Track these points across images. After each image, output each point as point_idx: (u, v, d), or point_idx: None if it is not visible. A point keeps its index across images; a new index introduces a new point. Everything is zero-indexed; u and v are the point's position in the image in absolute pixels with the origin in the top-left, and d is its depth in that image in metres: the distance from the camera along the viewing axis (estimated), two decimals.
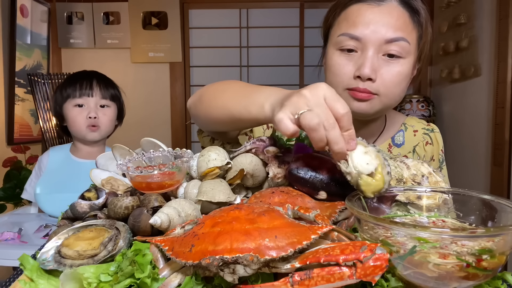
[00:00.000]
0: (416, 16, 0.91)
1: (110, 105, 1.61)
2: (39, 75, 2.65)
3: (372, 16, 0.88)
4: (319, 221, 0.51)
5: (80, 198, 0.69)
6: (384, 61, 0.88)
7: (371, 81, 0.87)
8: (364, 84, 0.87)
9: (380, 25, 0.87)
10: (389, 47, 0.87)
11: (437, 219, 0.54)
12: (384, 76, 0.87)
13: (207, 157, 0.68)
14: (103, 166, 0.85)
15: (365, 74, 0.85)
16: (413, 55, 0.91)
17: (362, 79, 0.87)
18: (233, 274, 0.42)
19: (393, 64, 0.88)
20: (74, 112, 1.56)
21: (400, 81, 0.89)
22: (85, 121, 1.55)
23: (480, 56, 2.42)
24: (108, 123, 1.61)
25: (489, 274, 0.42)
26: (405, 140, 1.05)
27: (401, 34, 0.87)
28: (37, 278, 0.51)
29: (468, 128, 2.60)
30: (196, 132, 3.74)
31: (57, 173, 1.60)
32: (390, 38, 0.87)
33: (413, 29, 0.91)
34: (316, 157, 0.65)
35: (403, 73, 0.89)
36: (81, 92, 1.54)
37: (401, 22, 0.88)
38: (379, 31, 0.87)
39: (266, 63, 3.28)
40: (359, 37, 0.88)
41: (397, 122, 1.08)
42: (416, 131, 1.06)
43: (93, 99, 1.56)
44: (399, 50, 0.87)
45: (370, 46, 0.87)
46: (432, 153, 1.05)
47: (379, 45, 0.87)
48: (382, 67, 0.87)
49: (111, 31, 3.25)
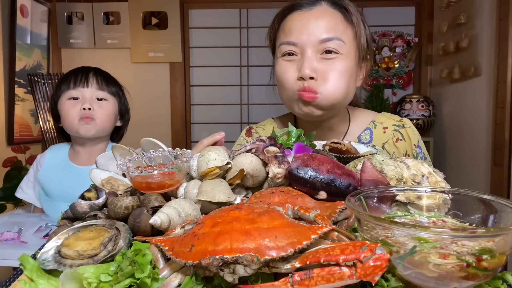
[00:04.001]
0: (348, 15, 0.96)
1: (108, 99, 1.46)
2: (39, 75, 2.65)
3: (305, 21, 0.95)
4: (319, 221, 0.51)
5: (80, 198, 0.69)
6: (323, 59, 0.93)
7: (313, 79, 0.92)
8: (308, 83, 0.92)
9: (313, 27, 0.93)
10: (324, 46, 0.93)
11: (437, 219, 0.54)
12: (324, 74, 0.93)
13: (207, 157, 0.68)
14: (103, 166, 0.85)
15: (306, 74, 0.91)
16: (352, 53, 0.96)
17: (305, 79, 0.92)
18: (233, 274, 0.42)
19: (331, 61, 0.93)
20: (67, 105, 1.42)
21: (340, 78, 0.93)
22: (78, 113, 1.40)
23: (480, 56, 2.42)
24: (105, 117, 1.44)
25: (489, 274, 0.42)
26: (373, 138, 1.07)
27: (334, 34, 0.93)
28: (37, 278, 0.51)
29: (468, 128, 2.60)
30: (196, 132, 3.75)
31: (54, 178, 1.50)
32: (324, 38, 0.93)
33: (347, 28, 0.96)
34: (316, 157, 0.65)
35: (342, 70, 0.93)
36: (75, 84, 1.41)
37: (332, 23, 0.94)
38: (312, 33, 0.93)
39: (266, 63, 3.26)
40: (295, 42, 0.95)
41: (364, 120, 1.10)
42: (386, 128, 1.07)
43: (89, 90, 1.42)
44: (335, 47, 0.92)
45: (306, 48, 0.93)
46: (405, 149, 1.05)
47: (315, 46, 0.93)
48: (321, 66, 0.93)
49: (111, 31, 3.25)
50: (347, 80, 0.95)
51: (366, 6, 3.20)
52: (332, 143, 0.81)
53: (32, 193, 1.59)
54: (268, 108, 3.27)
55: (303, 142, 0.78)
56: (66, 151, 1.56)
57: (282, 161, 0.66)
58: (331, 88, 0.93)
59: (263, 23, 3.29)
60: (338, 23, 0.94)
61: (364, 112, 1.14)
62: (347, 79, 0.95)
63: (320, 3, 0.97)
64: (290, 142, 0.80)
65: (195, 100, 3.40)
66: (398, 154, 1.04)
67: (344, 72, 0.93)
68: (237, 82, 3.39)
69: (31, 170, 1.60)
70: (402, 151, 1.04)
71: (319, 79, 0.92)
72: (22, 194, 1.59)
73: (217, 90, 3.39)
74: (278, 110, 1.46)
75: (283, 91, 0.99)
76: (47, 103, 2.65)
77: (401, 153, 1.04)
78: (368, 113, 1.14)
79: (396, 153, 1.04)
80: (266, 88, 1.15)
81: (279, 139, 0.81)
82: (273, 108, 1.87)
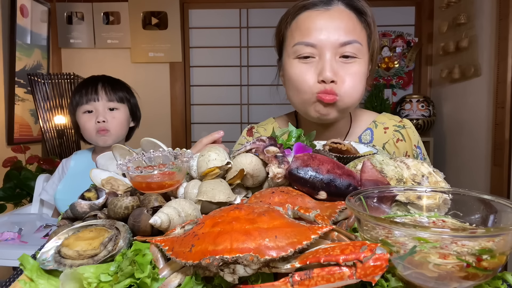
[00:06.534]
0: (363, 17, 0.95)
1: (119, 107, 1.58)
2: (39, 75, 2.65)
3: (323, 22, 0.92)
4: (319, 221, 0.51)
5: (80, 198, 0.69)
6: (342, 63, 0.92)
7: (333, 83, 0.91)
8: (330, 86, 0.91)
9: (332, 29, 0.91)
10: (344, 50, 0.91)
11: (437, 219, 0.54)
12: (344, 77, 0.91)
13: (207, 157, 0.68)
14: (103, 166, 0.85)
15: (328, 77, 0.90)
16: (366, 55, 0.95)
17: (326, 82, 0.90)
18: (233, 274, 0.42)
19: (349, 65, 0.92)
20: (83, 118, 1.56)
21: (359, 81, 0.93)
22: (94, 126, 1.53)
23: (480, 56, 2.42)
24: (118, 127, 1.58)
25: (489, 274, 0.42)
26: (374, 138, 1.07)
27: (353, 37, 0.92)
28: (37, 278, 0.51)
29: (468, 128, 2.60)
30: (196, 132, 3.74)
31: (79, 177, 1.59)
32: (343, 42, 0.91)
33: (362, 30, 0.95)
34: (316, 157, 0.65)
35: (360, 73, 0.93)
36: (87, 98, 1.53)
37: (350, 25, 0.93)
38: (332, 35, 0.91)
39: (266, 63, 3.27)
40: (314, 43, 0.92)
41: (365, 120, 1.11)
42: (386, 128, 1.08)
43: (100, 103, 1.54)
44: (354, 51, 0.92)
45: (326, 51, 0.91)
46: (405, 149, 1.06)
47: (334, 49, 0.91)
48: (340, 69, 0.92)
49: (111, 31, 3.25)
50: (363, 82, 0.95)
51: None
52: (332, 143, 0.81)
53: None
54: (268, 108, 3.27)
55: (303, 142, 0.78)
56: (89, 155, 1.68)
57: (282, 161, 0.66)
58: (350, 91, 0.92)
59: (263, 23, 3.30)
60: (355, 24, 0.93)
61: (365, 112, 1.14)
62: (363, 82, 0.95)
63: (337, 3, 0.95)
64: (290, 142, 0.80)
65: (195, 100, 3.40)
66: (399, 154, 1.04)
67: (361, 75, 0.93)
68: (237, 82, 3.39)
69: (56, 174, 1.69)
70: (402, 152, 1.05)
71: (339, 82, 0.91)
72: (46, 196, 1.67)
73: (217, 90, 3.40)
74: (279, 110, 1.47)
75: (297, 94, 0.96)
76: (47, 103, 2.65)
77: (401, 153, 1.05)
78: (369, 113, 1.14)
79: (397, 153, 1.04)
80: (269, 88, 1.14)
81: (279, 139, 0.81)
82: (274, 108, 1.87)
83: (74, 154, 1.71)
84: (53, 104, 2.68)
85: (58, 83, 2.67)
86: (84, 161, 1.66)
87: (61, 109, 2.70)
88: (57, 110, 2.70)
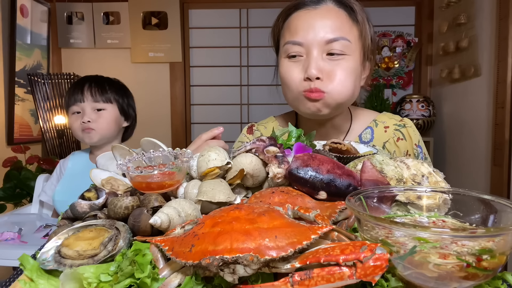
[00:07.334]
0: (353, 14, 0.96)
1: (106, 108, 1.58)
2: (39, 75, 2.65)
3: (310, 21, 0.94)
4: (319, 221, 0.51)
5: (80, 198, 0.69)
6: (329, 60, 0.93)
7: (319, 80, 0.92)
8: (314, 84, 0.92)
9: (319, 27, 0.93)
10: (330, 47, 0.93)
11: (437, 219, 0.54)
12: (331, 74, 0.93)
13: (207, 157, 0.68)
14: (103, 166, 0.85)
15: (312, 74, 0.91)
16: (357, 52, 0.96)
17: (311, 79, 0.92)
18: (233, 274, 0.42)
19: (337, 62, 0.93)
20: (72, 119, 1.59)
21: (347, 77, 0.94)
22: (80, 126, 1.56)
23: (480, 56, 2.42)
24: (105, 126, 1.58)
25: (489, 274, 0.42)
26: (374, 137, 1.07)
27: (340, 34, 0.93)
28: (37, 278, 0.51)
29: (468, 128, 2.60)
30: (196, 132, 3.74)
31: (77, 178, 1.59)
32: (330, 39, 0.92)
33: (352, 27, 0.96)
34: (316, 157, 0.65)
35: (348, 69, 0.94)
36: (74, 99, 1.56)
37: (338, 22, 0.94)
38: (318, 33, 0.93)
39: (266, 63, 3.27)
40: (301, 42, 0.94)
41: (365, 119, 1.11)
42: (387, 127, 1.08)
43: (86, 104, 1.55)
44: (341, 48, 0.93)
45: (312, 49, 0.93)
46: (405, 148, 1.06)
47: (320, 46, 0.93)
48: (327, 66, 0.93)
49: (111, 31, 3.25)
50: (353, 78, 0.95)
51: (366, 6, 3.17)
52: (332, 143, 0.81)
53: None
54: (268, 108, 3.27)
55: (303, 142, 0.78)
56: (87, 156, 1.70)
57: (282, 161, 0.66)
58: (337, 87, 0.93)
59: (263, 23, 3.30)
60: (343, 22, 0.94)
61: (365, 111, 1.15)
62: (353, 78, 0.95)
63: (326, 1, 0.96)
64: (290, 142, 0.80)
65: (195, 100, 3.40)
66: (399, 153, 1.04)
67: (350, 71, 0.94)
68: (237, 82, 3.39)
69: (54, 175, 1.70)
70: (403, 151, 1.05)
71: (325, 79, 0.92)
72: (45, 197, 1.67)
73: (217, 90, 3.40)
74: (278, 109, 1.47)
75: (288, 91, 0.99)
76: (47, 103, 2.66)
77: (402, 153, 1.05)
78: (369, 112, 1.15)
79: (397, 152, 1.05)
80: (269, 88, 1.15)
81: (279, 139, 0.81)
82: (274, 108, 1.87)
83: (71, 155, 1.72)
84: (53, 104, 2.68)
85: (58, 83, 2.67)
86: (81, 161, 1.66)
87: (61, 109, 2.70)
88: (57, 110, 2.70)
